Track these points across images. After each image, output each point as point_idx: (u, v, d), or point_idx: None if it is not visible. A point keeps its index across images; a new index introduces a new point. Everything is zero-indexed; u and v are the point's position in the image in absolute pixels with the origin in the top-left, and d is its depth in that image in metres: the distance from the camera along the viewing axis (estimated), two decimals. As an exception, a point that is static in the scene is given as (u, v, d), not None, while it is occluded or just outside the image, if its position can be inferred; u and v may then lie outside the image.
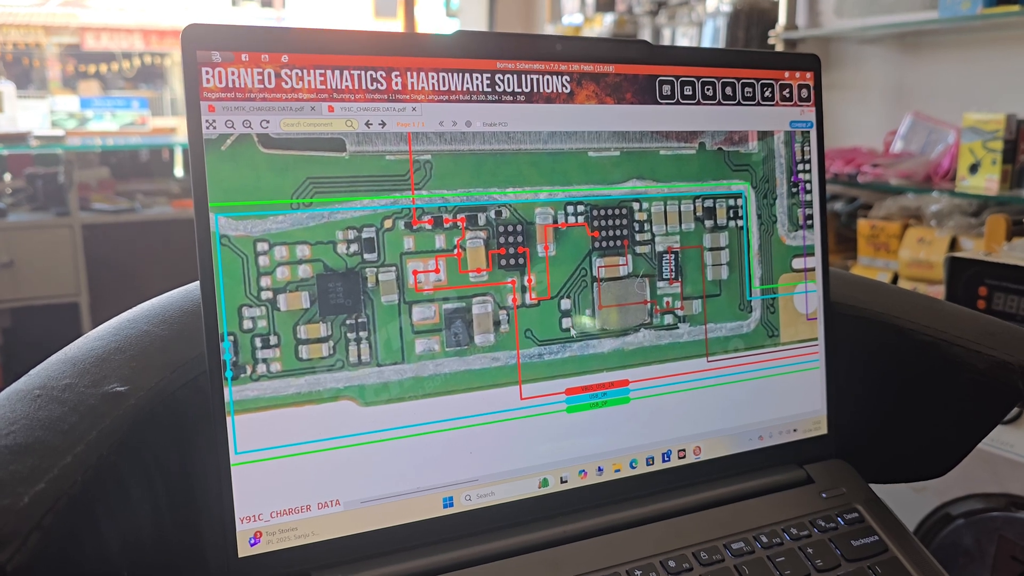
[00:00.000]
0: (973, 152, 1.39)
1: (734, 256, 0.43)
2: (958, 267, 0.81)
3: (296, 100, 0.34)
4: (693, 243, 0.42)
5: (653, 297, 0.41)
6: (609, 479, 0.41)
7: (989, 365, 0.44)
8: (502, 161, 0.38)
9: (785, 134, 0.45)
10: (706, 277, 0.43)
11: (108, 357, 0.34)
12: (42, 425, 0.29)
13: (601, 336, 0.40)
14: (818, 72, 0.46)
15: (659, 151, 0.41)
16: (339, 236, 0.35)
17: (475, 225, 0.37)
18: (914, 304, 0.48)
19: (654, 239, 0.41)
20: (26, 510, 0.26)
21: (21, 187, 2.37)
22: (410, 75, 0.36)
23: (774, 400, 0.45)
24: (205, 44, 0.33)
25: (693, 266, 0.42)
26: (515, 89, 0.38)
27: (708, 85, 0.43)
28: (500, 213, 0.38)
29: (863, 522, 0.43)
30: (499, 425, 0.38)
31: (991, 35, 1.51)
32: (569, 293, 0.39)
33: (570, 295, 0.39)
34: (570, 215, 0.39)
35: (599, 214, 0.40)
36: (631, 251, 0.41)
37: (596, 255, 0.40)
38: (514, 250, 0.38)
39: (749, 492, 0.43)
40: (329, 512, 0.35)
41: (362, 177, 0.35)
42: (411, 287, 0.36)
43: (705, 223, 0.43)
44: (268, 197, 0.34)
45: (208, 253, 0.33)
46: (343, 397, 0.35)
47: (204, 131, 0.33)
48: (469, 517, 0.38)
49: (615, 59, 0.40)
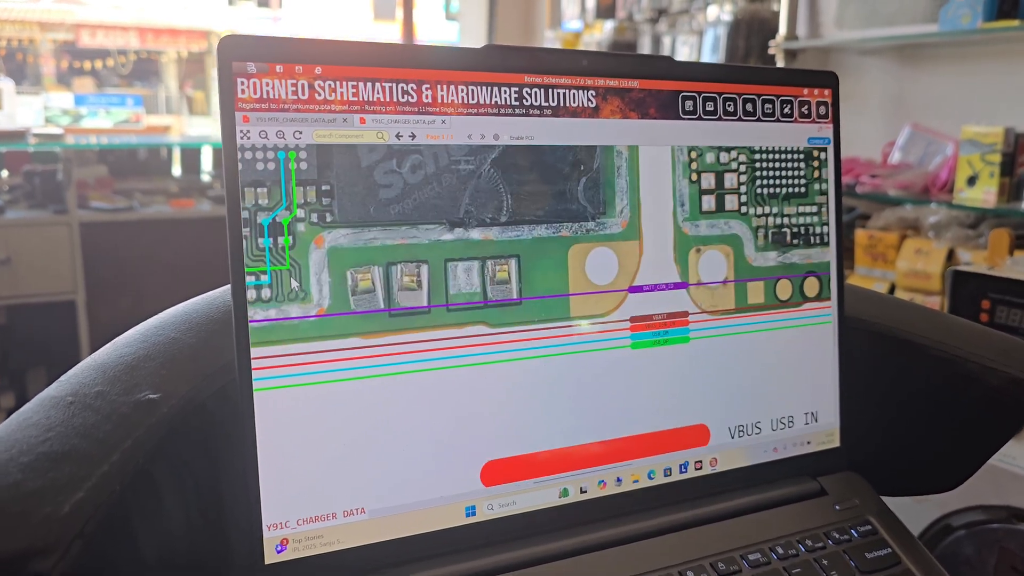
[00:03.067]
0: (971, 164, 1.40)
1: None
2: (961, 280, 0.82)
3: (329, 112, 0.35)
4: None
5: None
6: (628, 489, 0.41)
7: (1003, 382, 0.44)
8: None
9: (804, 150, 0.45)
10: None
11: (138, 364, 0.34)
12: (77, 433, 0.29)
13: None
14: (836, 89, 0.46)
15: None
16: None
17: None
18: (927, 319, 0.48)
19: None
20: (67, 518, 0.26)
21: (19, 184, 2.36)
22: (440, 88, 0.37)
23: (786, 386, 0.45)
24: (240, 55, 0.33)
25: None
26: (542, 103, 0.39)
27: (729, 101, 0.43)
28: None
29: (876, 534, 0.43)
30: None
31: (990, 49, 1.53)
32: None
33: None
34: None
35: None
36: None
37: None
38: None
39: (764, 504, 0.44)
40: (354, 520, 0.35)
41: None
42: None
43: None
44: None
45: (240, 263, 0.33)
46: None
47: (238, 140, 0.33)
48: (491, 526, 0.38)
49: (639, 75, 0.41)
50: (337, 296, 0.35)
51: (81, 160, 2.43)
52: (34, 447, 0.28)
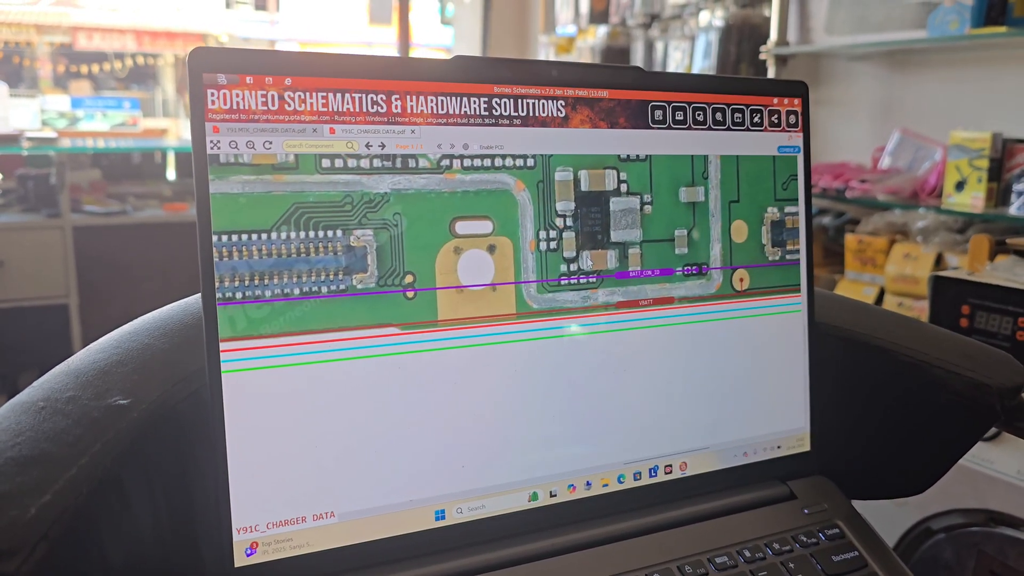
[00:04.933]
0: (959, 170, 1.41)
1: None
2: (942, 286, 0.83)
3: (299, 122, 0.35)
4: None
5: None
6: (597, 493, 0.42)
7: (967, 386, 0.45)
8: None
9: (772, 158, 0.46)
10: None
11: (110, 370, 0.34)
12: (47, 437, 0.30)
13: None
14: (806, 98, 0.47)
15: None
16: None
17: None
18: (897, 325, 0.49)
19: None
20: (33, 522, 0.26)
21: (12, 188, 2.36)
22: (409, 98, 0.37)
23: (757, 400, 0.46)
24: (211, 67, 0.34)
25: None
26: (511, 113, 0.39)
27: (699, 110, 0.44)
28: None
29: (844, 538, 0.44)
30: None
31: (979, 55, 1.54)
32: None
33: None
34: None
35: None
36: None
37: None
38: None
39: (733, 507, 0.44)
40: (324, 524, 0.36)
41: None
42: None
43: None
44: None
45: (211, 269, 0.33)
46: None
47: (208, 151, 0.34)
48: (461, 530, 0.39)
49: (609, 84, 0.41)
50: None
51: (75, 164, 2.43)
52: (3, 452, 0.29)
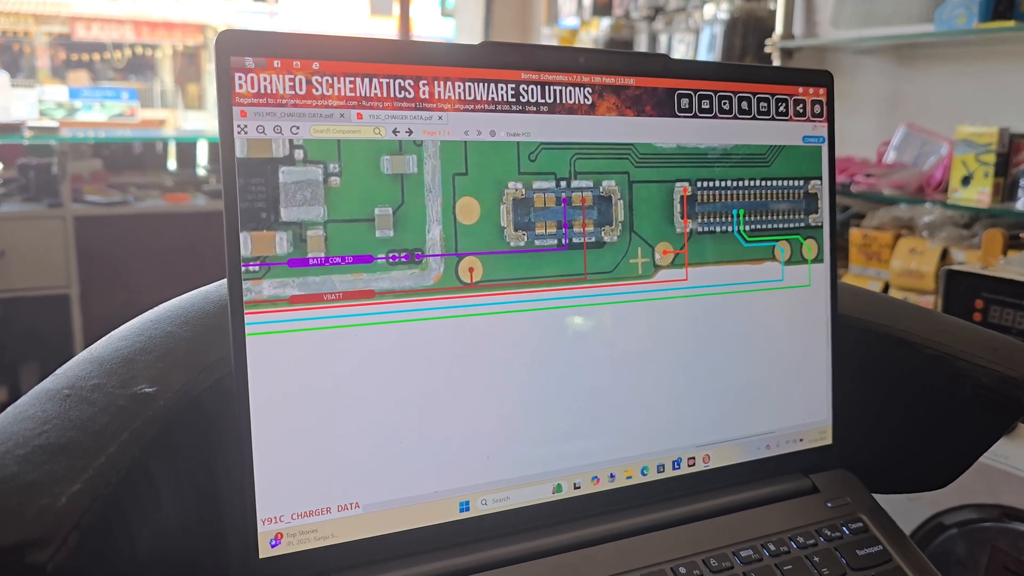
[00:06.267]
0: (966, 164, 1.41)
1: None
2: (955, 280, 0.82)
3: (326, 107, 0.35)
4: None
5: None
6: (621, 485, 0.41)
7: (992, 379, 0.44)
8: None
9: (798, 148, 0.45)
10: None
11: (134, 358, 0.34)
12: (74, 425, 0.29)
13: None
14: (831, 88, 0.47)
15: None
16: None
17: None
18: (919, 317, 0.48)
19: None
20: (64, 510, 0.26)
21: (13, 177, 2.35)
22: (437, 84, 0.37)
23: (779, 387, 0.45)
24: (238, 50, 0.33)
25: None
26: (539, 100, 0.39)
27: (725, 99, 0.43)
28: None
29: (867, 532, 0.43)
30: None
31: (986, 49, 1.53)
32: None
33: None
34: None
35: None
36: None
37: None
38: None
39: (756, 500, 0.44)
40: (349, 515, 0.36)
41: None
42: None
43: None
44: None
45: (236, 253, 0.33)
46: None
47: (235, 135, 0.33)
48: (485, 521, 0.38)
49: (635, 72, 0.41)
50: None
51: (76, 154, 2.42)
52: (30, 440, 0.29)
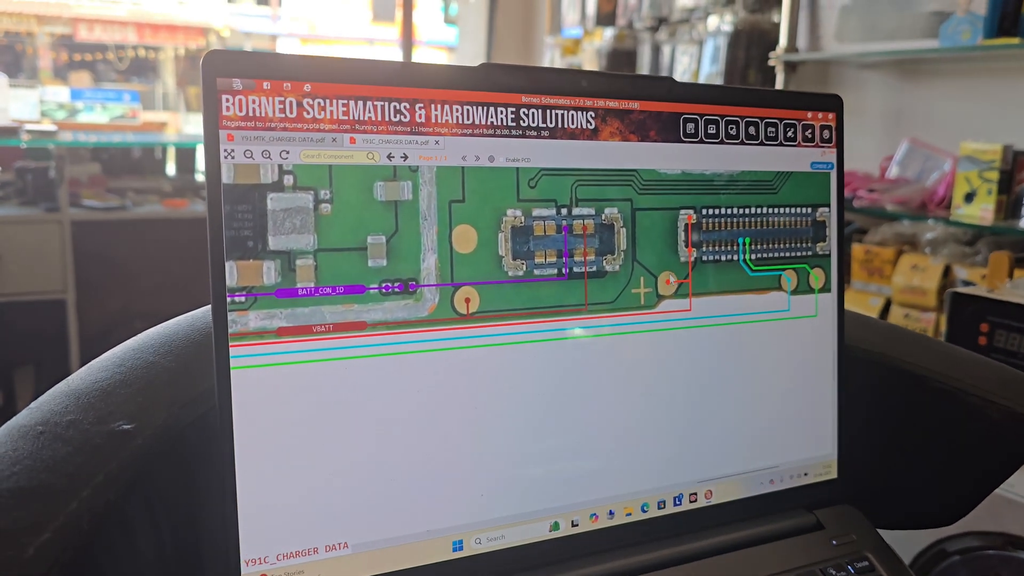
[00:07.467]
0: (969, 181, 1.40)
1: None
2: (960, 303, 0.81)
3: (318, 131, 0.33)
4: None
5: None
6: (621, 523, 0.40)
7: (1003, 416, 0.43)
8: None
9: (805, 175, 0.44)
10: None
11: (113, 391, 0.32)
12: (46, 467, 0.28)
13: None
14: (840, 113, 0.45)
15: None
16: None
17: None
18: (928, 350, 0.47)
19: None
20: (32, 562, 0.24)
21: (10, 181, 2.34)
22: (434, 107, 0.35)
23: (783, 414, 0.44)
24: (226, 71, 0.32)
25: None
26: (539, 124, 0.37)
27: (731, 124, 0.42)
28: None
29: (873, 571, 0.42)
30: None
31: (990, 66, 1.52)
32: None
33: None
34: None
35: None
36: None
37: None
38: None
39: (759, 538, 0.43)
40: (337, 555, 0.34)
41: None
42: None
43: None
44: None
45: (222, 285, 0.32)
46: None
47: (222, 160, 0.32)
48: (479, 561, 0.37)
49: (640, 96, 0.40)
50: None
51: (74, 157, 2.41)
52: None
